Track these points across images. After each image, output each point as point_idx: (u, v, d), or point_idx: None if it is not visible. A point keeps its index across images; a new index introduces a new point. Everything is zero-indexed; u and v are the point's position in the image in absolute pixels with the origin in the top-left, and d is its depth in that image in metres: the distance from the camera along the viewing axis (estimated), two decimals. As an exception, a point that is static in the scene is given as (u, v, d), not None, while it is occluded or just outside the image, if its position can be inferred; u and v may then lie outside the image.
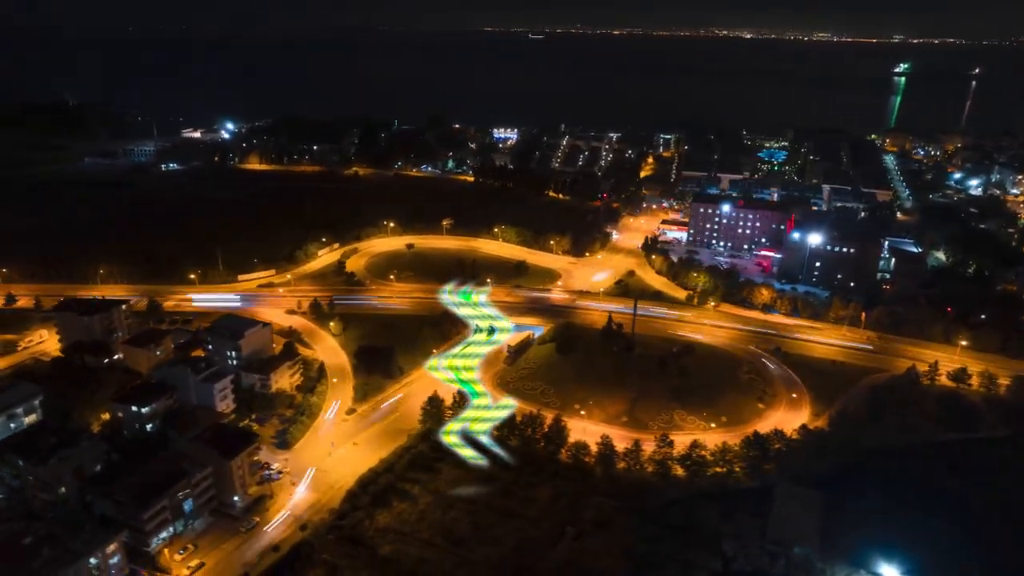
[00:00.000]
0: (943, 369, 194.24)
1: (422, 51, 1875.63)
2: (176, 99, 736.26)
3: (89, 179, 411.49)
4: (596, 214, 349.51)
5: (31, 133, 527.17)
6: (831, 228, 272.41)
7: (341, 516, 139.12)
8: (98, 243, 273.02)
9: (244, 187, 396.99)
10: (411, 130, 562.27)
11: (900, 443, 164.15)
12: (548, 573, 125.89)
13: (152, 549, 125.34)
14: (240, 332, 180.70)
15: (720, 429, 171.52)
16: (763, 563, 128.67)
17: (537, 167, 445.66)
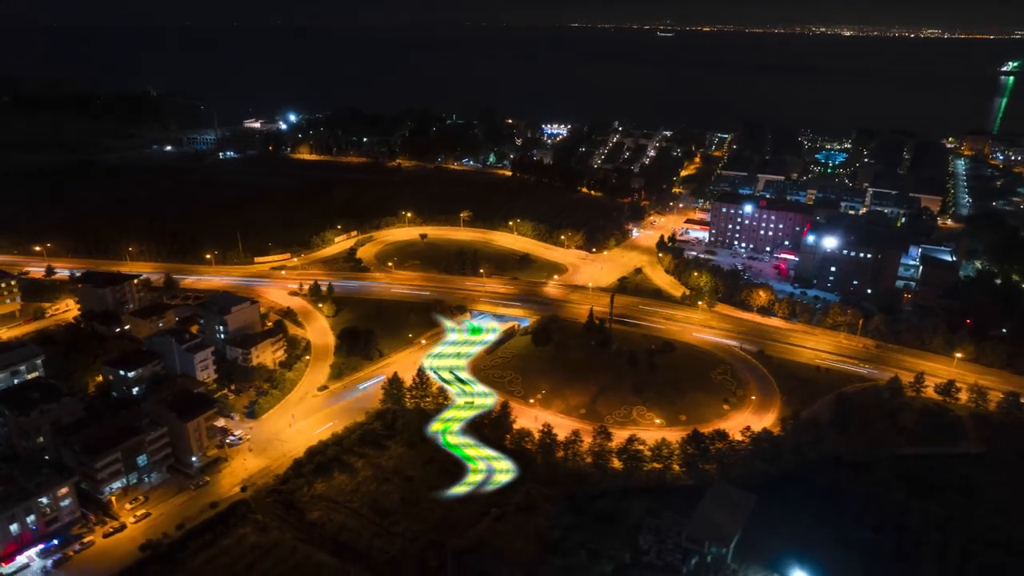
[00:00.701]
0: (931, 381, 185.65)
1: (505, 47, 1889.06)
2: (253, 89, 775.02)
3: (152, 165, 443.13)
4: (620, 211, 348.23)
5: (114, 121, 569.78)
6: (847, 232, 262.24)
7: (283, 481, 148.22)
8: (140, 223, 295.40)
9: (290, 176, 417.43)
10: (461, 124, 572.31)
11: (860, 455, 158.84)
12: (457, 549, 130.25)
13: (104, 497, 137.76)
14: (227, 308, 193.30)
15: (677, 427, 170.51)
16: (675, 559, 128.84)
17: (576, 163, 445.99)
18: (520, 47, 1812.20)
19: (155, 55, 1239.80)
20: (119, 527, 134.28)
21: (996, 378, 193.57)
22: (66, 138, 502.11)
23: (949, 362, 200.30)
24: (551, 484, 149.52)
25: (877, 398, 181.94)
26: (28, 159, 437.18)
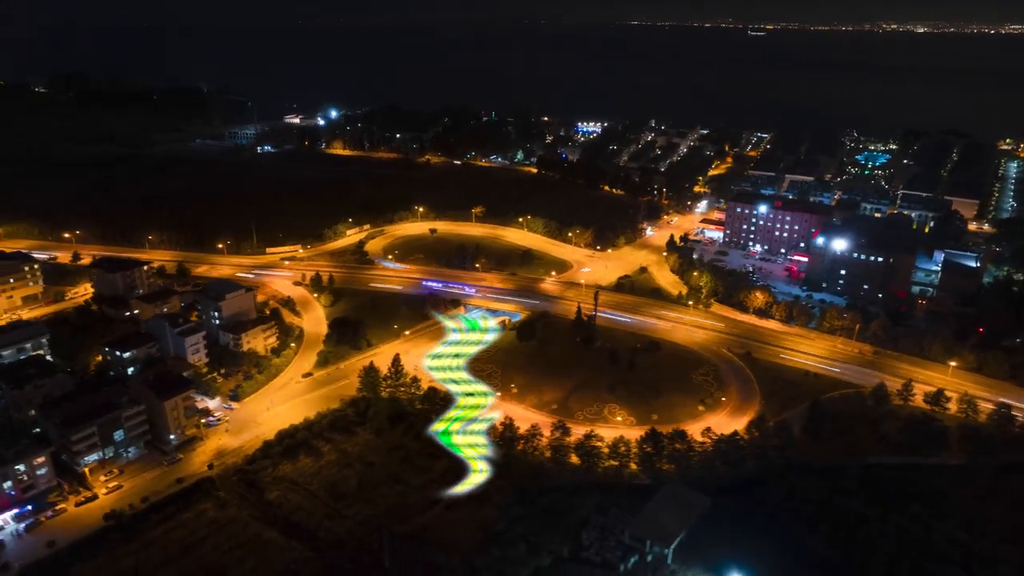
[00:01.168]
0: (924, 390, 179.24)
1: (561, 46, 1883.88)
2: (300, 87, 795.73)
3: (193, 158, 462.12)
4: (637, 209, 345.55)
5: (166, 116, 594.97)
6: (858, 235, 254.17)
7: (251, 461, 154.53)
8: (167, 213, 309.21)
9: (320, 170, 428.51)
10: (495, 122, 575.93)
11: (829, 462, 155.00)
12: (400, 535, 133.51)
13: (80, 468, 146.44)
14: (222, 295, 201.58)
15: (647, 426, 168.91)
16: (613, 556, 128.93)
17: (602, 161, 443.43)
18: (576, 46, 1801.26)
19: (210, 54, 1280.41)
20: (91, 497, 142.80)
21: (996, 389, 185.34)
22: (120, 132, 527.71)
23: (948, 371, 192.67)
24: (507, 476, 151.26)
25: (860, 405, 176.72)
26: (82, 151, 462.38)
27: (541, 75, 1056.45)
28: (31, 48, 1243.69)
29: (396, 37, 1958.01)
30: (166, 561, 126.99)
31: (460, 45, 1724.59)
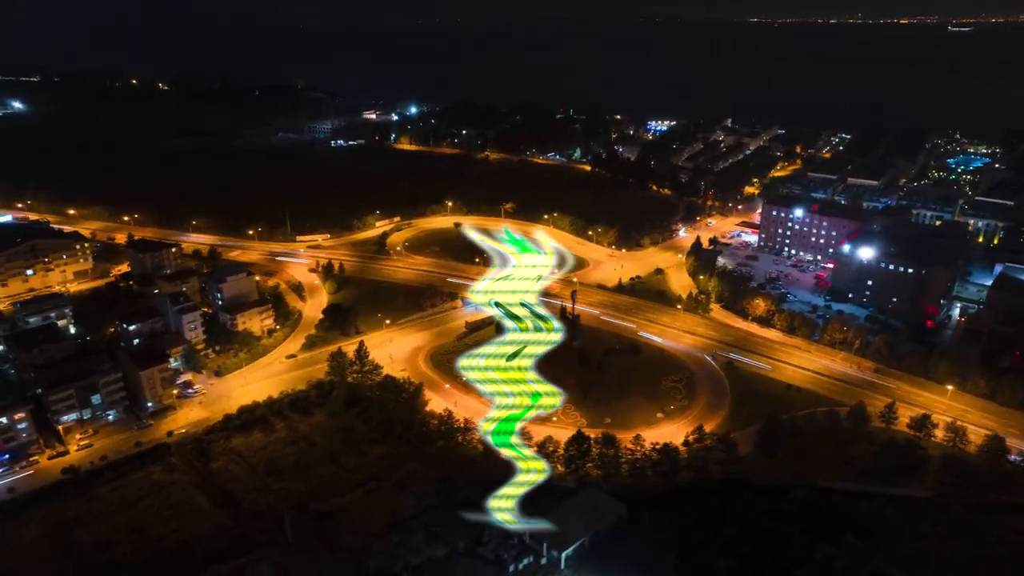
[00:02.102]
0: (908, 413, 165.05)
1: (650, 43, 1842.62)
2: (389, 84, 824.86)
3: (269, 149, 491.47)
4: (675, 210, 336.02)
5: (259, 111, 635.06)
6: (889, 244, 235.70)
7: (209, 432, 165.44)
8: (220, 199, 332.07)
9: (380, 163, 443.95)
10: (561, 119, 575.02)
11: (776, 481, 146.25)
12: (316, 513, 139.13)
13: (59, 425, 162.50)
14: (223, 277, 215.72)
15: (598, 429, 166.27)
16: (507, 555, 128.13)
17: (659, 159, 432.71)
18: (676, 44, 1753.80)
19: (313, 54, 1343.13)
20: (63, 452, 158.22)
21: (1004, 420, 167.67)
22: (214, 126, 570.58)
23: (955, 395, 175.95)
24: (437, 466, 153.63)
25: (834, 425, 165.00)
26: (175, 143, 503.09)
27: (628, 74, 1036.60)
28: (174, 46, 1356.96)
29: (490, 36, 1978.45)
30: (102, 515, 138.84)
31: (550, 44, 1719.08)
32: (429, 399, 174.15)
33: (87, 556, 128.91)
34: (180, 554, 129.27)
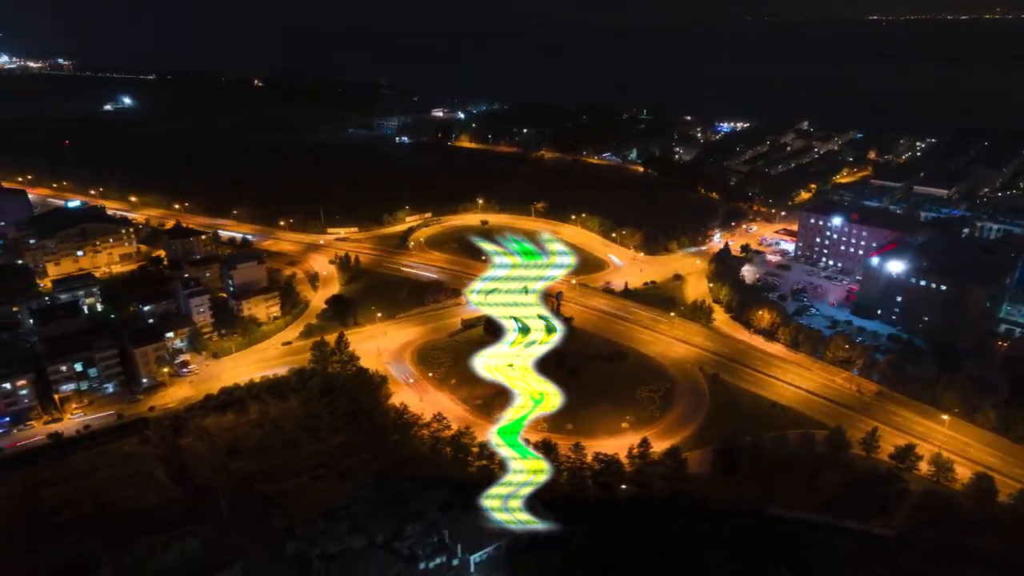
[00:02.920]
0: (894, 443, 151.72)
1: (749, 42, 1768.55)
2: (463, 81, 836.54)
3: (336, 146, 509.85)
4: (716, 214, 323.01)
5: (337, 107, 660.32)
6: (921, 257, 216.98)
7: (189, 410, 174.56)
8: (267, 189, 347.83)
9: (438, 161, 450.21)
10: (623, 119, 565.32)
11: (723, 504, 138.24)
12: (258, 494, 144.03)
13: (58, 394, 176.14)
14: (234, 265, 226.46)
15: (559, 435, 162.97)
16: (422, 552, 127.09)
17: (715, 161, 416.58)
18: (793, 44, 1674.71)
19: (402, 54, 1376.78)
20: (57, 419, 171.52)
21: (1015, 457, 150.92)
22: (293, 121, 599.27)
23: (962, 427, 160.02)
24: (385, 459, 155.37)
25: (809, 449, 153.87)
26: (254, 138, 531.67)
27: (716, 74, 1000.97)
28: (275, 48, 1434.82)
29: (593, 36, 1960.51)
30: (69, 479, 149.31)
31: (652, 44, 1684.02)
32: (394, 392, 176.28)
33: (44, 516, 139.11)
34: (124, 521, 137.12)
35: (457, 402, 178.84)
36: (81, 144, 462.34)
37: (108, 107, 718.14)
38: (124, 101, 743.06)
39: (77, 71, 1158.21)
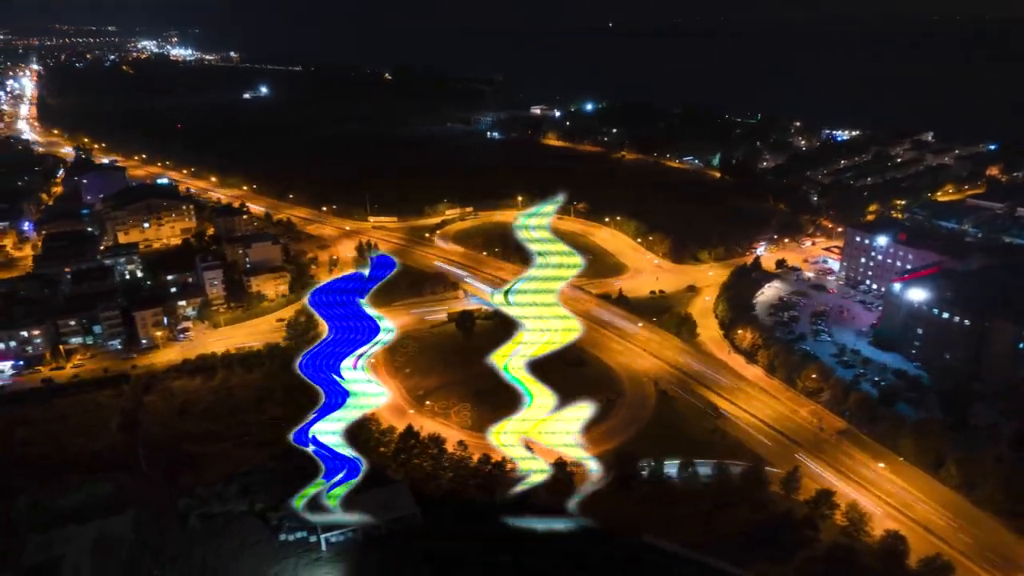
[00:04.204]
0: (811, 484, 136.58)
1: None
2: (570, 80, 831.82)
3: (428, 138, 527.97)
4: (768, 225, 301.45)
5: (446, 101, 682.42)
6: (945, 285, 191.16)
7: (166, 371, 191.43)
8: (347, 178, 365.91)
9: (517, 157, 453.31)
10: (727, 120, 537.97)
11: (601, 525, 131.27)
12: (183, 453, 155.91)
13: (65, 346, 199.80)
14: (250, 244, 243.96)
15: (473, 433, 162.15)
16: (289, 525, 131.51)
17: (799, 170, 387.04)
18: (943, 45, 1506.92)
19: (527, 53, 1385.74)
20: (60, 367, 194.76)
21: (966, 522, 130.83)
22: (399, 113, 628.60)
23: (920, 480, 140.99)
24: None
25: (721, 482, 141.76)
26: (350, 128, 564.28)
27: (843, 77, 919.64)
28: (412, 44, 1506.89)
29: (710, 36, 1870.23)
30: (45, 420, 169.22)
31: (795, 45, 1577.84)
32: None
33: (9, 451, 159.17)
34: (66, 462, 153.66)
35: (402, 391, 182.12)
36: (201, 128, 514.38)
37: (247, 95, 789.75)
38: (261, 90, 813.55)
39: (243, 63, 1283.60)
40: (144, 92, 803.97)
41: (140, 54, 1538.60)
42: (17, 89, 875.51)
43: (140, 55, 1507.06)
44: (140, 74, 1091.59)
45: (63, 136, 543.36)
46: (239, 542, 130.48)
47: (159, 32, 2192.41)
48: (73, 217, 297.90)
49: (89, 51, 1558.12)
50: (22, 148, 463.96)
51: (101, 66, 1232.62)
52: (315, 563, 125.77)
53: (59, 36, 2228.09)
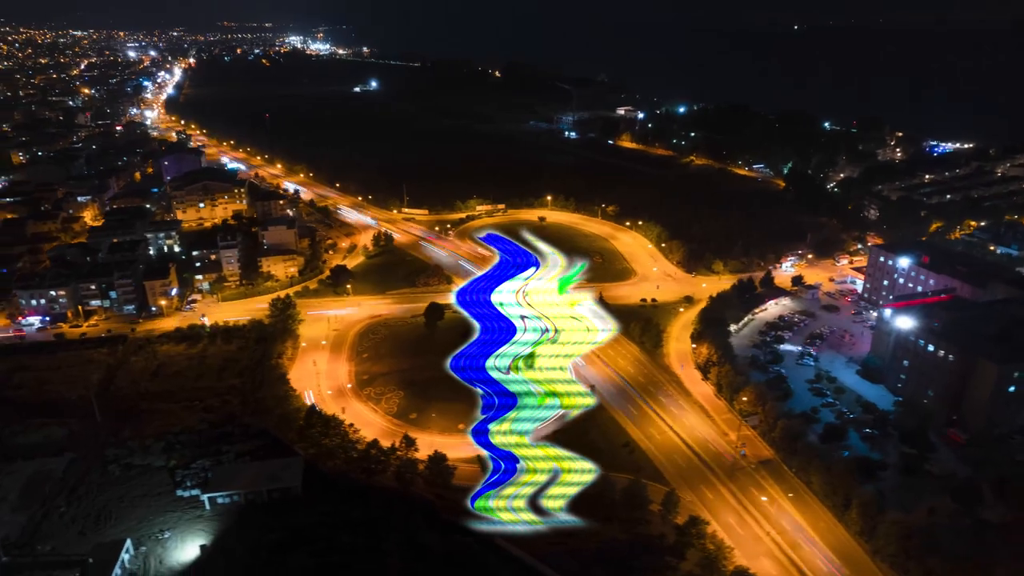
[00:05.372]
0: (699, 511, 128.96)
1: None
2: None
3: (501, 134, 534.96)
4: (803, 240, 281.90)
5: (541, 98, 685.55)
6: (937, 315, 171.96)
7: (159, 336, 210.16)
8: (404, 171, 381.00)
9: (582, 157, 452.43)
10: (813, 129, 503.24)
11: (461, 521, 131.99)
12: (138, 409, 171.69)
13: (85, 307, 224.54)
14: (266, 226, 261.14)
15: (399, 423, 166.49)
16: (189, 482, 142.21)
17: (864, 182, 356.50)
18: None
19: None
20: (77, 325, 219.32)
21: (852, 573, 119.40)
22: (487, 112, 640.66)
23: (821, 519, 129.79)
24: (253, 407, 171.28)
25: (603, 496, 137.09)
26: (434, 123, 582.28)
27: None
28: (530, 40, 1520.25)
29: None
30: (40, 369, 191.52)
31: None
32: (310, 351, 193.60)
33: (3, 392, 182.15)
34: (42, 407, 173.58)
35: (349, 374, 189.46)
36: (295, 118, 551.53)
37: (357, 89, 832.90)
38: (371, 84, 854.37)
39: (369, 58, 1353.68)
40: (267, 83, 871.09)
41: (283, 49, 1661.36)
42: (167, 80, 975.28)
43: (282, 50, 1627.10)
44: (273, 67, 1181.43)
45: (178, 122, 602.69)
46: (142, 492, 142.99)
47: (309, 29, 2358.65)
48: (143, 194, 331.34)
49: (241, 46, 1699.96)
50: (140, 132, 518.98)
51: (245, 60, 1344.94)
52: (196, 519, 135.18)
53: (224, 32, 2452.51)
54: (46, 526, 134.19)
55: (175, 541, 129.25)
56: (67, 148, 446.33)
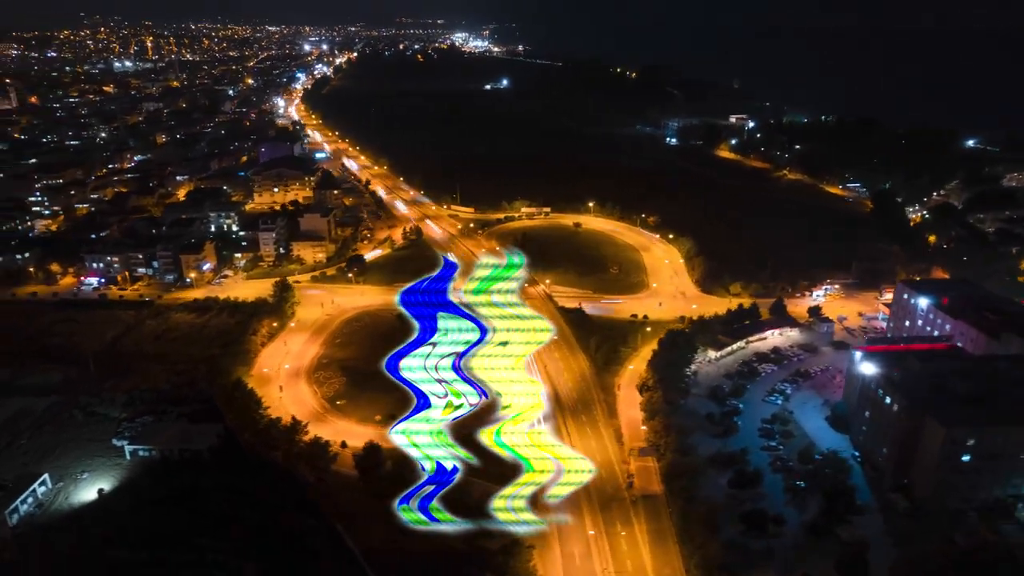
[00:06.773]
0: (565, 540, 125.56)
1: None
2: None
3: (603, 137, 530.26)
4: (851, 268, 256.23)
5: (671, 103, 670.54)
6: (902, 363, 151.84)
7: (180, 305, 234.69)
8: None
9: (670, 164, 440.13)
10: (947, 145, 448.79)
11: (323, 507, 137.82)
12: (129, 368, 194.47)
13: (134, 273, 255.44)
14: (301, 214, 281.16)
15: (321, 402, 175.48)
16: (130, 435, 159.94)
17: (966, 210, 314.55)
18: None
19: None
20: (124, 288, 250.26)
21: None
22: (603, 114, 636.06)
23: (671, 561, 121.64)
24: (215, 374, 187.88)
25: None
26: (545, 122, 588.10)
27: None
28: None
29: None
30: (75, 322, 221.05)
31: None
32: (281, 334, 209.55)
33: (38, 336, 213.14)
34: (57, 353, 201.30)
35: (314, 356, 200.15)
36: (404, 112, 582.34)
37: (487, 87, 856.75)
38: (503, 82, 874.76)
39: (520, 56, 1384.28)
40: (409, 79, 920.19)
41: (442, 45, 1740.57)
42: (322, 72, 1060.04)
43: (442, 46, 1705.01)
44: (425, 63, 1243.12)
45: (307, 112, 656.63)
46: (88, 437, 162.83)
47: (479, 26, 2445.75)
48: (230, 176, 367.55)
49: (404, 41, 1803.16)
50: (267, 120, 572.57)
51: (403, 55, 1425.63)
52: (115, 467, 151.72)
53: (398, 28, 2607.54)
54: (6, 454, 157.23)
55: (88, 483, 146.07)
56: (199, 132, 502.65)
